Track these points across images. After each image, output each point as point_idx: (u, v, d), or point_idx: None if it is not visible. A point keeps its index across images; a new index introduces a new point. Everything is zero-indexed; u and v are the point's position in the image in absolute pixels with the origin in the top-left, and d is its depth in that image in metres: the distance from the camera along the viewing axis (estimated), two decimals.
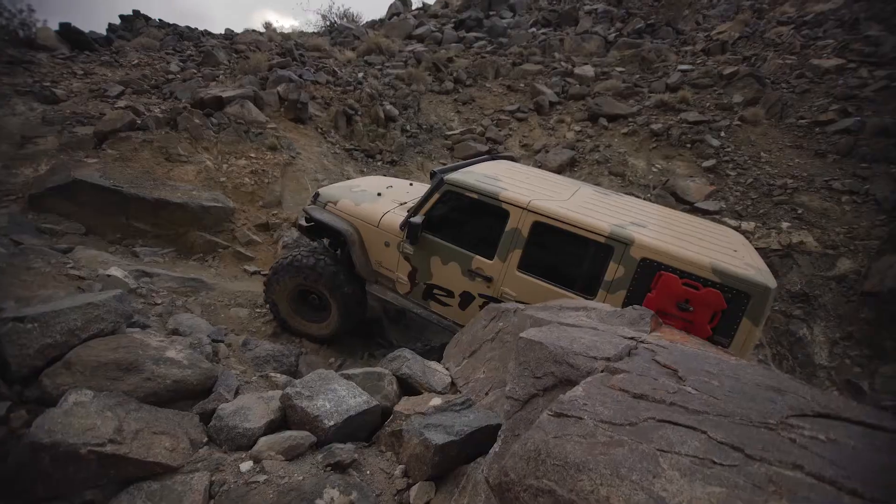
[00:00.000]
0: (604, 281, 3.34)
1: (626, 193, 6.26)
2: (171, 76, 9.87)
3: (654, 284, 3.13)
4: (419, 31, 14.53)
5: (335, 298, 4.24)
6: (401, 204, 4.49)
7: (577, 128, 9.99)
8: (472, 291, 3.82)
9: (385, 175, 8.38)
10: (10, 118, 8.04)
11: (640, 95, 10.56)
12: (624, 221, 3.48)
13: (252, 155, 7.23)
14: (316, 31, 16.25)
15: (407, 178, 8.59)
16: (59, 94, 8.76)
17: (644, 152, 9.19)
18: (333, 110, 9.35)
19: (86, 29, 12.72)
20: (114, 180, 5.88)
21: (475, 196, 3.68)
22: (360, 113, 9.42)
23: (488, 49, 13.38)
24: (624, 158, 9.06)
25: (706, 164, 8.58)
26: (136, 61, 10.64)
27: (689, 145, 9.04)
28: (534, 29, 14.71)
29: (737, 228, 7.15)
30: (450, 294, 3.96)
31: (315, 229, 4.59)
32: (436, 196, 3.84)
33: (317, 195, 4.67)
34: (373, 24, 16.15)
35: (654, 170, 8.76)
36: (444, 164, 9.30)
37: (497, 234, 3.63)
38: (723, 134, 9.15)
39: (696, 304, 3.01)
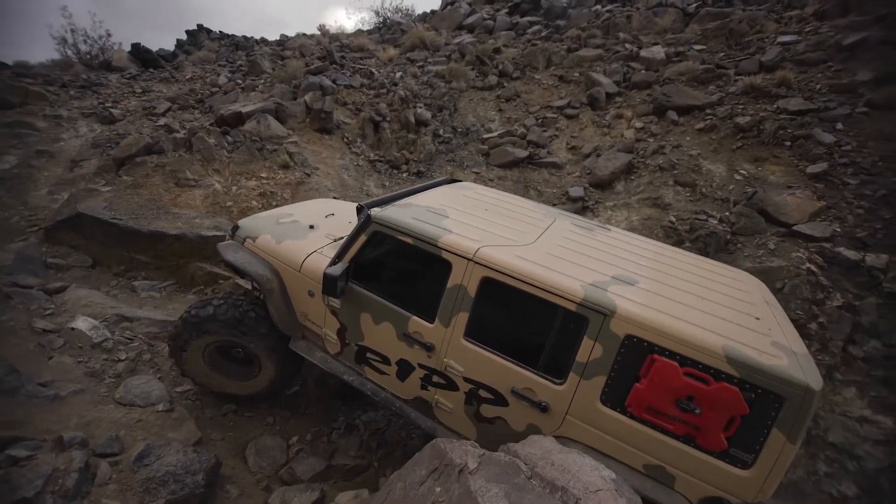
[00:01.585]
0: (575, 362, 2.36)
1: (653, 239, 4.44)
2: (215, 89, 9.52)
3: (644, 371, 2.18)
4: (470, 20, 12.90)
5: (261, 351, 3.34)
6: (335, 240, 3.43)
7: (639, 124, 7.94)
8: (411, 360, 2.84)
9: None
10: (74, 140, 8.14)
11: (724, 80, 8.11)
12: (605, 277, 2.46)
13: (263, 175, 6.48)
14: (370, 28, 15.30)
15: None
16: (116, 113, 8.75)
17: (724, 154, 6.97)
18: (362, 117, 8.34)
19: (170, 46, 13.02)
20: (115, 212, 5.44)
21: (409, 241, 2.70)
22: (388, 119, 8.30)
23: (542, 35, 11.41)
24: (696, 163, 6.95)
25: (813, 169, 6.21)
26: (189, 75, 10.50)
27: (788, 143, 6.66)
28: (598, 6, 12.32)
29: (859, 264, 4.96)
30: (385, 360, 2.98)
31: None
32: (362, 238, 2.87)
33: (236, 228, 3.64)
34: (424, 17, 14.76)
35: (738, 178, 6.57)
36: (477, 174, 7.91)
37: (438, 290, 2.65)
38: (839, 126, 6.60)
39: (705, 405, 2.07)
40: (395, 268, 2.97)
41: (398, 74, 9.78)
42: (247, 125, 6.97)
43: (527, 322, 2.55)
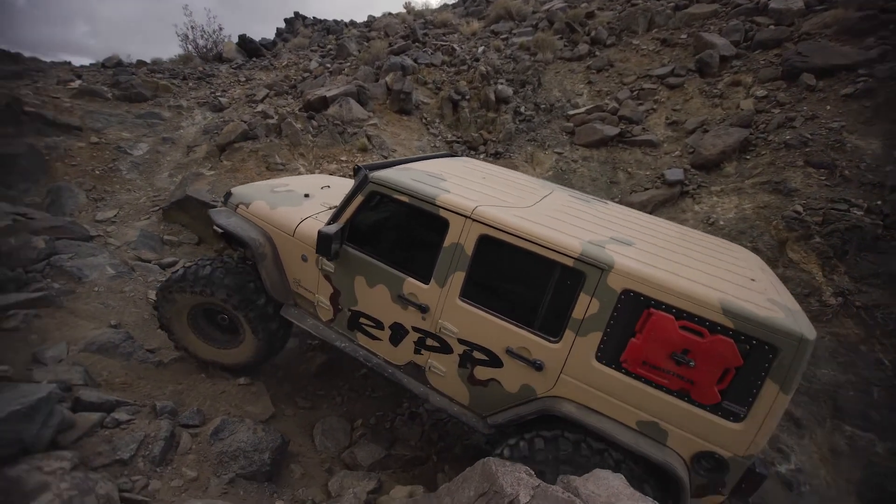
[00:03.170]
0: (571, 319, 2.33)
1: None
2: (306, 75, 9.92)
3: (640, 326, 2.19)
4: None
5: (247, 318, 3.22)
6: (331, 208, 3.33)
7: (761, 92, 6.58)
8: (405, 324, 2.79)
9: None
10: (191, 127, 9.10)
11: (891, 28, 6.32)
12: (602, 237, 2.44)
13: (343, 158, 6.61)
14: (455, 1, 14.75)
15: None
16: (224, 102, 9.55)
17: (881, 126, 5.48)
18: (441, 96, 8.08)
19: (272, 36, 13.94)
20: (215, 195, 5.93)
21: (406, 199, 2.66)
22: (467, 97, 7.93)
23: None
24: (838, 138, 5.57)
25: None
26: (285, 62, 11.07)
27: None
28: None
29: None
30: (379, 325, 2.91)
31: (230, 237, 3.48)
32: (359, 198, 2.81)
33: (228, 195, 3.57)
34: None
35: None
36: (560, 154, 7.26)
37: (435, 250, 2.61)
38: None
39: (700, 358, 2.07)
40: (391, 229, 2.89)
41: (480, 49, 9.28)
42: (330, 109, 7.13)
43: (523, 280, 2.50)
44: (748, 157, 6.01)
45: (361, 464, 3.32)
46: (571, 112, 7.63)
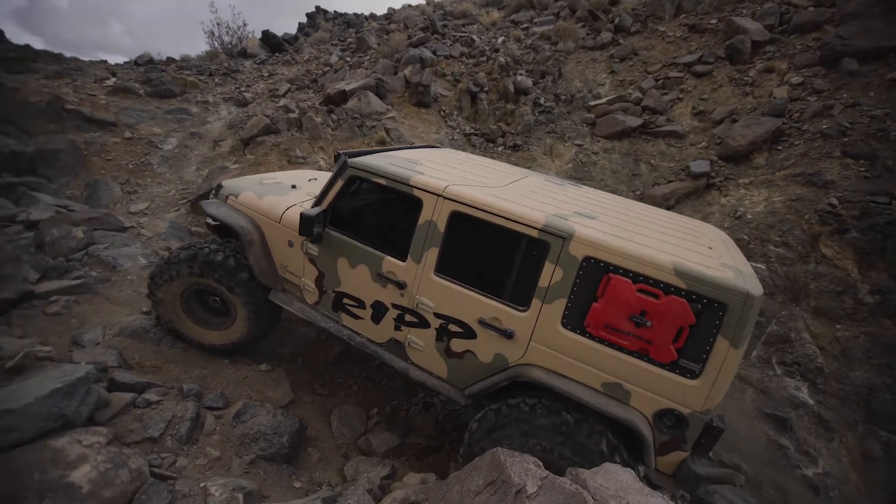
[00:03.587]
0: (538, 288, 2.47)
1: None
2: (327, 69, 10.06)
3: (601, 291, 2.33)
4: None
5: (238, 298, 3.36)
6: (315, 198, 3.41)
7: (797, 79, 6.28)
8: (385, 301, 2.94)
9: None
10: (217, 122, 9.40)
11: None
12: (567, 212, 2.59)
13: None
14: None
15: (530, 167, 6.89)
16: (248, 97, 9.80)
17: None
18: (460, 88, 8.06)
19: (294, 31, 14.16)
20: None
21: (383, 181, 2.84)
22: (486, 89, 7.88)
23: None
24: (882, 126, 5.28)
25: None
26: (307, 57, 11.24)
27: None
28: None
29: None
30: (361, 304, 3.06)
31: (224, 229, 3.67)
32: (339, 183, 2.98)
33: (219, 187, 3.72)
34: None
35: None
36: (580, 146, 7.14)
37: (410, 228, 2.78)
38: None
39: (656, 318, 2.22)
40: (370, 211, 3.11)
41: (500, 39, 9.18)
42: (349, 103, 7.22)
43: (493, 253, 2.63)
44: (780, 147, 5.76)
45: (376, 450, 3.42)
46: (593, 103, 7.47)
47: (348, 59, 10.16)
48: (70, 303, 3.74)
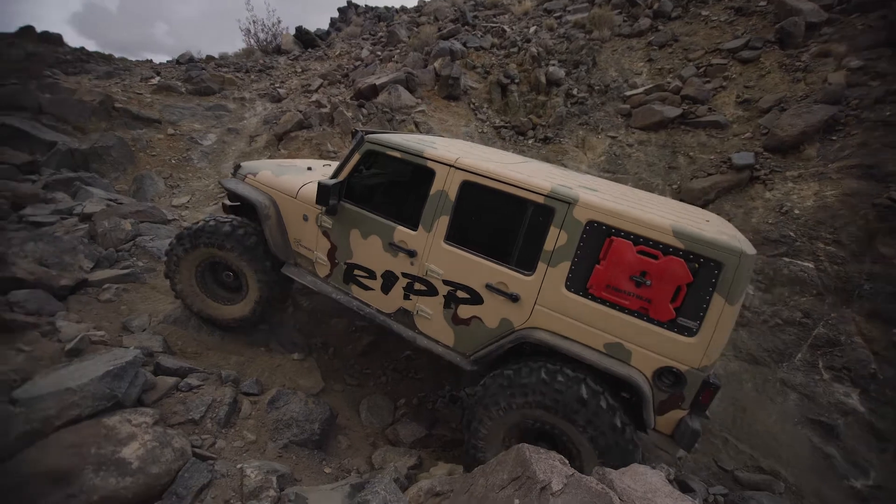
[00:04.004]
0: (543, 251, 2.61)
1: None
2: (358, 63, 10.17)
3: (603, 253, 2.46)
4: None
5: (252, 271, 3.50)
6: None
7: (856, 62, 5.82)
8: (395, 270, 3.07)
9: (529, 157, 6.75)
10: (253, 118, 9.72)
11: None
12: (572, 184, 2.73)
13: None
14: None
15: (561, 160, 6.76)
16: (282, 93, 10.06)
17: None
18: (490, 80, 7.96)
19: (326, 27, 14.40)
20: None
21: (398, 155, 3.00)
22: (517, 81, 7.75)
23: None
24: None
25: None
26: (338, 52, 11.41)
27: None
28: None
29: None
30: (371, 275, 3.19)
31: (240, 210, 3.86)
32: (356, 157, 3.15)
33: (238, 167, 3.92)
34: None
35: None
36: (614, 138, 6.93)
37: (422, 198, 2.93)
38: None
39: (655, 278, 2.33)
40: (384, 184, 3.27)
41: (532, 29, 9.00)
42: (380, 97, 7.29)
43: (500, 220, 2.76)
44: (834, 137, 5.38)
45: (403, 441, 3.49)
46: (628, 93, 7.21)
47: (379, 52, 10.24)
48: (120, 291, 3.99)
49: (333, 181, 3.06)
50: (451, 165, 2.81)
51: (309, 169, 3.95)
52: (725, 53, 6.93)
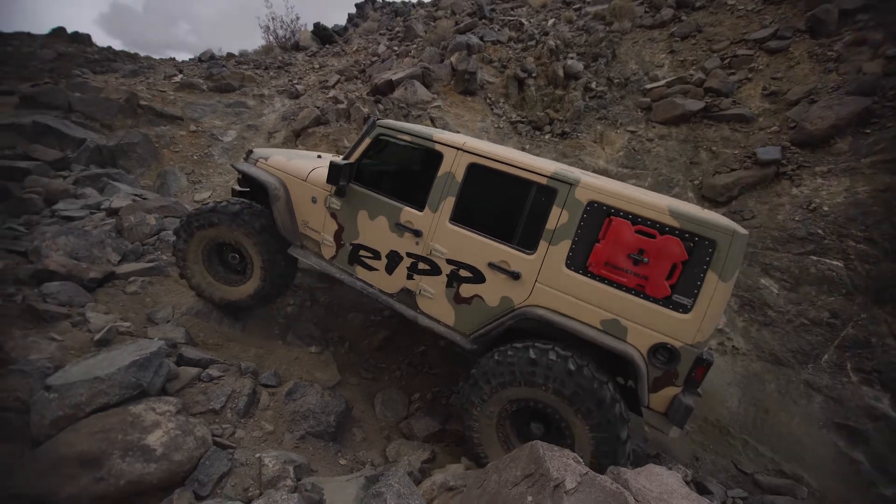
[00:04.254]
0: (545, 230, 2.72)
1: None
2: (375, 59, 10.19)
3: (602, 233, 2.57)
4: None
5: (259, 252, 3.59)
6: None
7: (894, 50, 5.55)
8: (400, 250, 3.18)
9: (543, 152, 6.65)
10: (271, 115, 9.86)
11: None
12: (575, 171, 2.86)
13: None
14: None
15: (578, 155, 6.66)
16: (300, 89, 10.17)
17: None
18: (507, 74, 7.88)
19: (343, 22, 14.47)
20: None
21: (408, 139, 3.15)
22: (534, 75, 7.65)
23: None
24: None
25: None
26: (355, 47, 11.45)
27: None
28: None
29: None
30: (376, 255, 3.31)
31: (250, 196, 3.98)
32: (367, 141, 3.29)
33: (250, 152, 4.07)
34: None
35: None
36: (633, 133, 6.78)
37: (429, 180, 3.06)
38: None
39: (652, 256, 2.43)
40: (393, 167, 3.41)
41: (550, 22, 8.86)
42: (396, 92, 7.30)
43: (504, 201, 2.88)
44: (868, 130, 5.15)
45: (417, 435, 3.53)
46: (649, 86, 7.04)
47: (395, 48, 10.24)
48: (145, 283, 4.13)
49: (345, 162, 3.21)
50: (458, 148, 2.95)
51: (319, 157, 4.11)
52: (752, 44, 6.69)
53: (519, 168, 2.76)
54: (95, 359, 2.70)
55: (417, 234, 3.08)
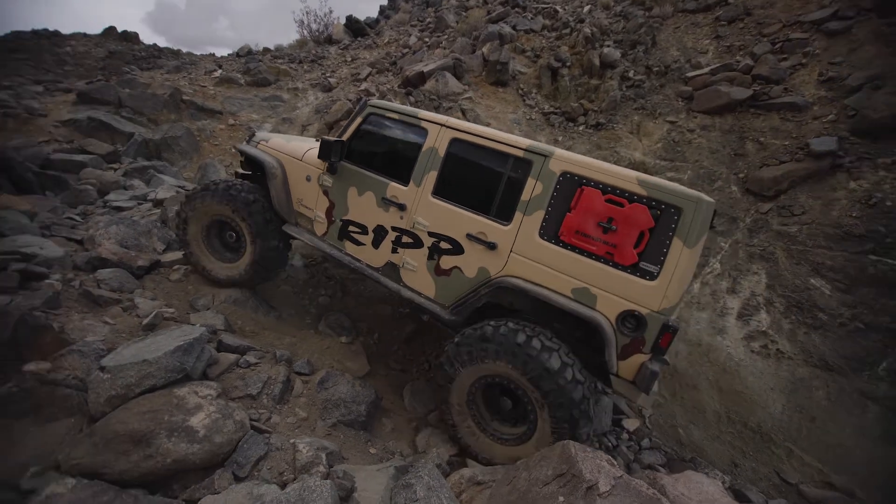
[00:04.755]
0: (520, 201, 2.85)
1: None
2: (406, 50, 10.17)
3: (574, 202, 2.67)
4: None
5: (248, 227, 3.75)
6: None
7: None
8: (385, 224, 3.35)
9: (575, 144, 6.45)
10: (305, 108, 10.05)
11: None
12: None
13: None
14: None
15: (613, 147, 6.43)
16: (333, 82, 10.30)
17: None
18: (540, 64, 7.68)
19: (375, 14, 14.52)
20: None
21: (396, 116, 3.35)
22: (568, 64, 7.41)
23: None
24: None
25: None
26: (387, 39, 11.46)
27: None
28: None
29: None
30: (364, 230, 3.47)
31: (253, 178, 4.19)
32: (358, 120, 3.47)
33: (252, 135, 4.28)
34: None
35: None
36: (673, 123, 6.47)
37: (414, 156, 3.24)
38: None
39: (621, 224, 2.54)
40: (381, 144, 3.51)
41: (586, 8, 8.54)
42: (427, 84, 7.25)
43: (483, 174, 3.02)
44: None
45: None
46: (691, 74, 6.68)
47: (427, 39, 10.18)
48: (187, 272, 4.31)
49: (336, 139, 3.38)
50: (441, 125, 3.13)
51: (317, 140, 4.27)
52: (808, 26, 6.21)
53: (497, 142, 2.93)
54: (143, 342, 2.84)
55: (402, 207, 3.24)
